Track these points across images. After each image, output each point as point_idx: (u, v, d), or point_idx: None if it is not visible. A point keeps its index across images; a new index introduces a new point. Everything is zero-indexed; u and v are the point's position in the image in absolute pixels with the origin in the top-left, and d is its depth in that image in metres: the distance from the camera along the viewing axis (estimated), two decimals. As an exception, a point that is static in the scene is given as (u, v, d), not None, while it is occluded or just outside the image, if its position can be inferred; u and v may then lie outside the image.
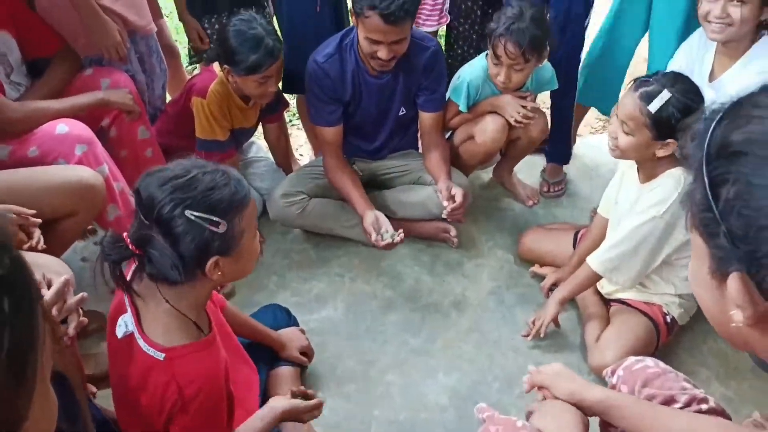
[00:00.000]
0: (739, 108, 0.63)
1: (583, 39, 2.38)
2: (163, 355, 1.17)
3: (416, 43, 2.17)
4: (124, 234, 1.14)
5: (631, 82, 1.77)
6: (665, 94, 1.66)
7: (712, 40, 1.96)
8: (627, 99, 1.75)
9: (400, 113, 2.33)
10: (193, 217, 1.11)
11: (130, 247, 1.13)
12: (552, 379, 1.19)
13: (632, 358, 1.30)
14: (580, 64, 2.43)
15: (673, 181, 1.76)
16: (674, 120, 1.66)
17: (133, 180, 2.01)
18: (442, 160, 2.29)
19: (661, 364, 1.27)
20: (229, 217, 1.15)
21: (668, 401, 1.17)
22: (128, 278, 1.22)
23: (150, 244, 1.12)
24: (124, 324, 1.20)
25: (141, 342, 1.18)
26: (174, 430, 1.19)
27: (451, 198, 2.13)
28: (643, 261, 1.84)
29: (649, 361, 1.27)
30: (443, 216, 2.16)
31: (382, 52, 2.03)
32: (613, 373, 1.29)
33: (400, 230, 2.10)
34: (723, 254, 0.62)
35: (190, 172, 1.15)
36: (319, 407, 1.51)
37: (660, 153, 1.74)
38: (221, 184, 1.15)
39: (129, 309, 1.21)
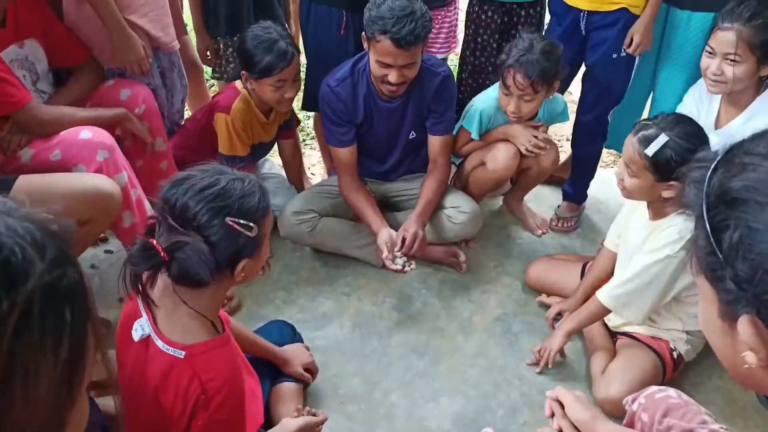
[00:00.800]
0: (731, 156, 0.66)
1: (625, 86, 2.34)
2: (184, 352, 1.19)
3: (427, 69, 2.21)
4: (154, 242, 1.17)
5: (635, 125, 1.79)
6: (662, 138, 1.67)
7: (711, 92, 2.02)
8: (628, 142, 1.77)
9: (411, 137, 2.35)
10: (235, 225, 1.18)
11: (162, 254, 1.16)
12: (572, 400, 1.19)
13: (654, 387, 1.30)
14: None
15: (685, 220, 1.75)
16: (674, 163, 1.66)
17: (146, 189, 2.06)
18: (432, 188, 2.29)
19: (684, 395, 1.26)
20: (259, 221, 1.23)
21: None
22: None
23: (182, 250, 1.16)
24: (140, 327, 1.22)
25: (159, 342, 1.20)
26: (197, 427, 1.20)
27: (402, 243, 2.10)
28: (654, 298, 1.83)
29: (672, 392, 1.27)
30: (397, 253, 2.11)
31: (392, 76, 2.07)
32: (633, 400, 1.28)
33: (413, 261, 2.10)
34: (731, 297, 0.63)
35: (220, 180, 1.20)
36: (323, 422, 1.56)
37: (666, 194, 1.75)
38: (251, 191, 1.22)
39: (144, 313, 1.23)
